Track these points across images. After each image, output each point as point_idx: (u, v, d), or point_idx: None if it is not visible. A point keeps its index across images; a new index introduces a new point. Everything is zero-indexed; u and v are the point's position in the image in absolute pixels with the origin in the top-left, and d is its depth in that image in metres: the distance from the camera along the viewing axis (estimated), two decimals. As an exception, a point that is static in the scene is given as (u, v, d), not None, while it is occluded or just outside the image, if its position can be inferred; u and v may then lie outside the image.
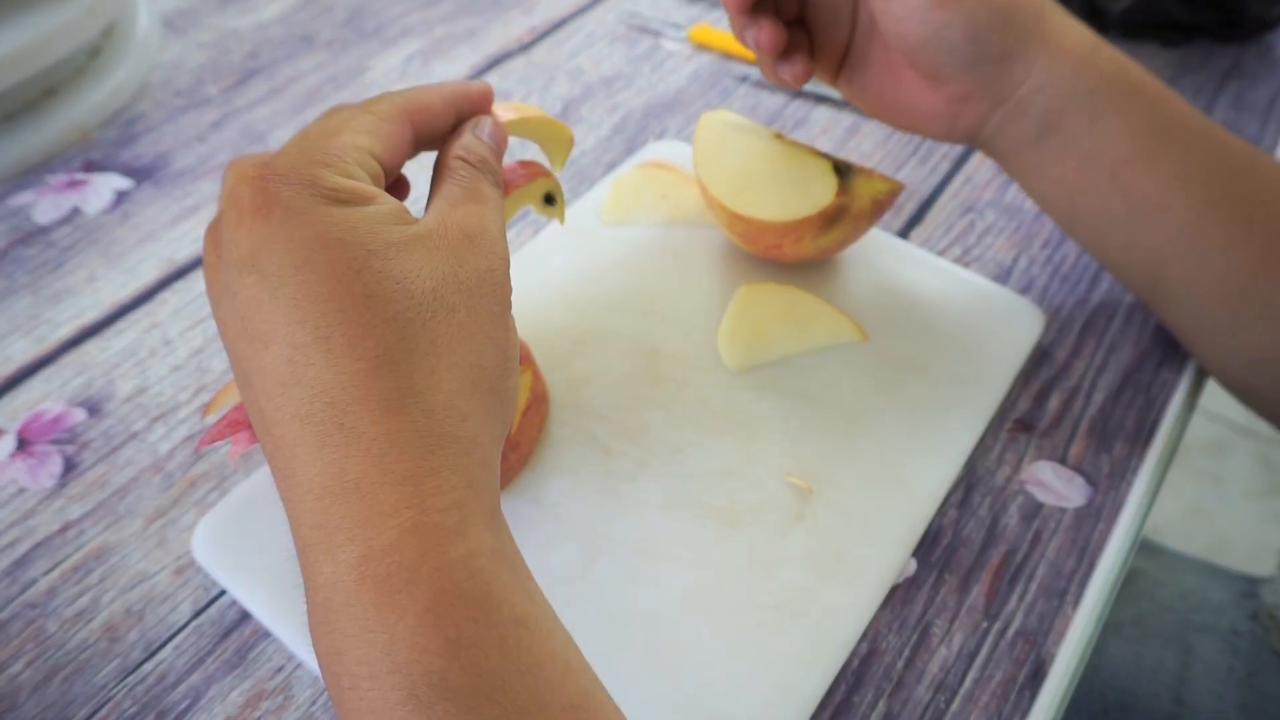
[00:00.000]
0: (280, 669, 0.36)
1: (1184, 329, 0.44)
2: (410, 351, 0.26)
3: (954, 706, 0.35)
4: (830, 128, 0.59)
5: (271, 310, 0.26)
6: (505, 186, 0.37)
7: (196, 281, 0.50)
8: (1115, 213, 0.41)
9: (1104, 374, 0.46)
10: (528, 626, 0.25)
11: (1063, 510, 0.41)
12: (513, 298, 0.32)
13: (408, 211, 0.29)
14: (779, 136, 0.47)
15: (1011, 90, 0.40)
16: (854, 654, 0.36)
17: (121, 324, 0.48)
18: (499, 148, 0.34)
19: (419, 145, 0.33)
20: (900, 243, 0.49)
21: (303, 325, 0.25)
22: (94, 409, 0.44)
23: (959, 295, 0.46)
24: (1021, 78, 0.39)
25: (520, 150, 0.57)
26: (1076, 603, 0.38)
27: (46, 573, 0.39)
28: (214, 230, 0.29)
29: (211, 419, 0.43)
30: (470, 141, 0.33)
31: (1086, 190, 0.41)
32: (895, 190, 0.44)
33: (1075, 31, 0.40)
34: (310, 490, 0.25)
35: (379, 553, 0.24)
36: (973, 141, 0.43)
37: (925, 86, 0.42)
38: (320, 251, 0.26)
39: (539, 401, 0.40)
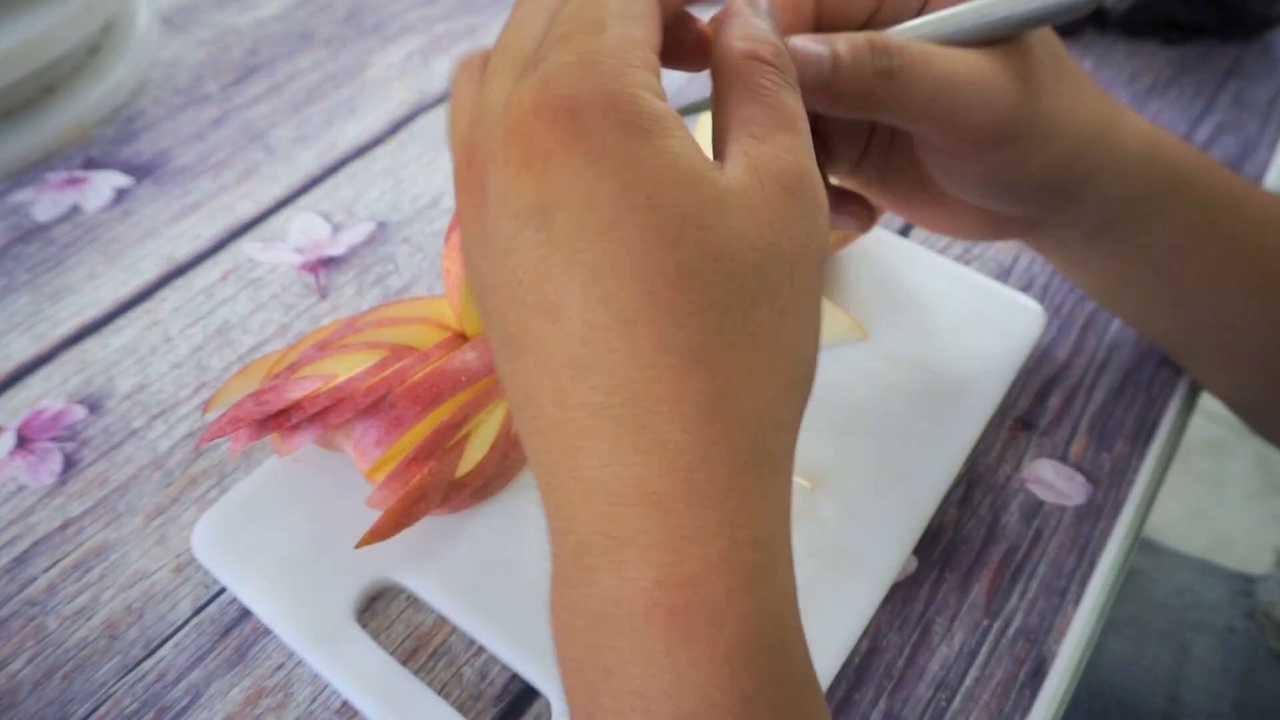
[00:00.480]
0: (280, 666, 0.36)
1: (1220, 388, 0.44)
2: (728, 347, 0.22)
3: (955, 704, 0.35)
4: (831, 126, 0.59)
5: (565, 279, 0.22)
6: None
7: (196, 279, 0.50)
8: (1161, 298, 0.41)
9: (1105, 373, 0.46)
10: (813, 689, 0.23)
11: (1063, 508, 0.41)
12: None
13: (699, 146, 0.24)
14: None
15: (1067, 207, 0.37)
16: (855, 652, 0.36)
17: (121, 321, 0.48)
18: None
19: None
20: (901, 241, 0.49)
21: (604, 304, 0.22)
22: (94, 406, 0.44)
23: (960, 293, 0.46)
24: (1081, 198, 0.36)
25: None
26: (1077, 601, 0.38)
27: (46, 570, 0.39)
28: (471, 167, 0.24)
29: (212, 416, 0.43)
30: (756, 27, 0.26)
31: (1131, 280, 0.40)
32: (896, 188, 0.44)
33: (1137, 134, 0.36)
34: (597, 490, 0.22)
35: (678, 584, 0.21)
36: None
37: (970, 210, 0.37)
38: (629, 214, 0.21)
39: (540, 399, 0.40)
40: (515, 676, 0.36)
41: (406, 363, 0.37)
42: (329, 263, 0.51)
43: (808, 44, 0.28)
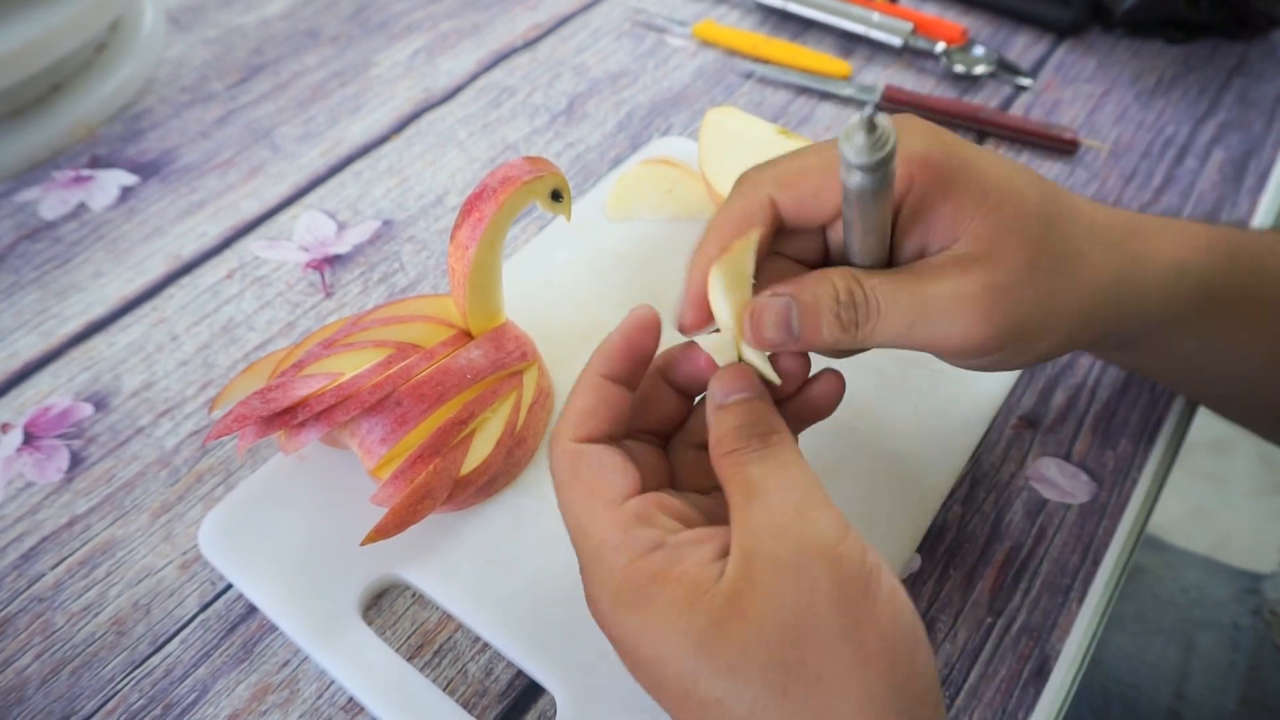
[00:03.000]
0: (286, 663, 0.36)
1: (1234, 419, 0.44)
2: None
3: (959, 702, 0.36)
4: (835, 124, 0.59)
5: (651, 687, 0.28)
6: (512, 182, 0.37)
7: (202, 277, 0.50)
8: (1183, 378, 0.42)
9: (1109, 371, 0.46)
10: None
11: (1067, 507, 0.41)
12: (517, 293, 0.31)
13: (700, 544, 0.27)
14: (784, 133, 0.47)
15: (1085, 349, 0.37)
16: (858, 649, 0.36)
17: (128, 319, 0.48)
18: (745, 388, 0.30)
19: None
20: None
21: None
22: (100, 404, 0.45)
23: (964, 292, 0.46)
24: (1098, 344, 0.35)
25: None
26: (1081, 599, 0.38)
27: (54, 567, 0.39)
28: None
29: (218, 414, 0.43)
30: (716, 422, 0.29)
31: (1157, 370, 0.42)
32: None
33: (1159, 265, 0.34)
34: None
35: None
36: None
37: None
38: (645, 669, 0.27)
39: (544, 397, 0.40)
40: (520, 673, 0.36)
41: (412, 361, 0.37)
42: (334, 261, 0.51)
43: (773, 302, 0.29)
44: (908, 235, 0.31)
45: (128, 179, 0.55)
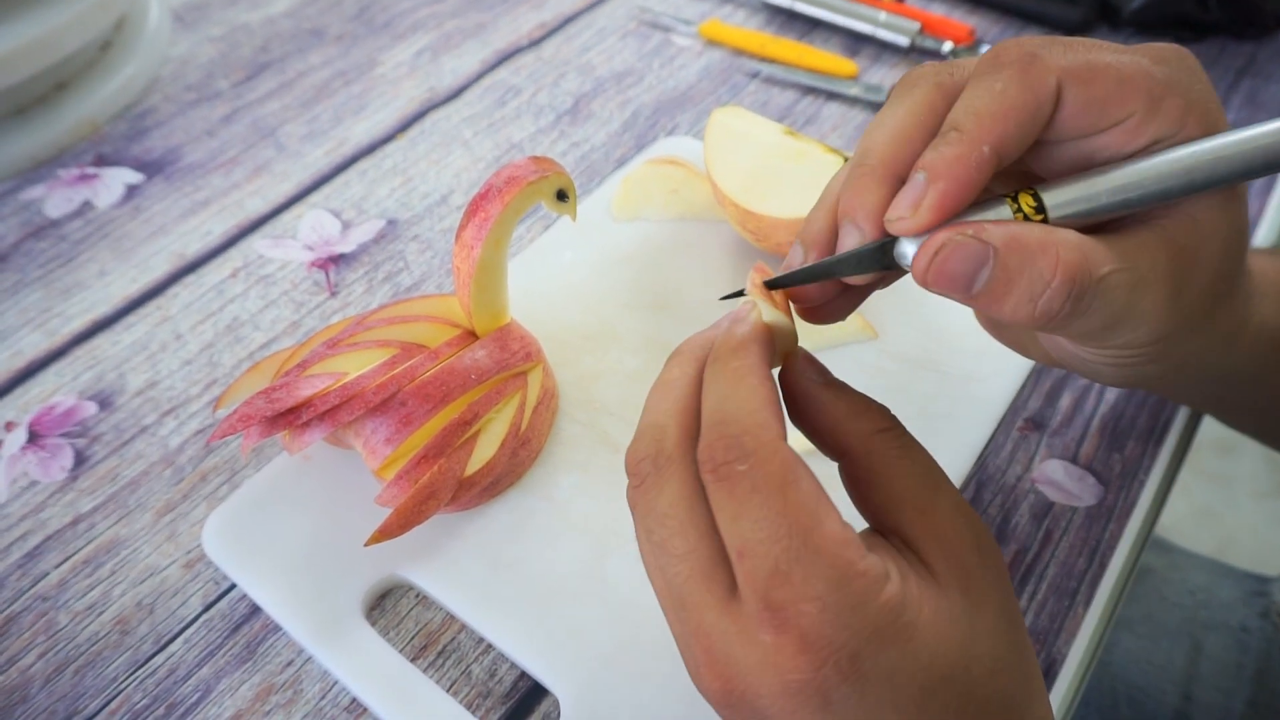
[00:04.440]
0: (290, 663, 0.36)
1: (1250, 434, 0.44)
2: None
3: (964, 705, 0.35)
4: (841, 124, 0.59)
5: None
6: (517, 182, 0.37)
7: (207, 275, 0.50)
8: (1216, 411, 0.41)
9: (1116, 372, 0.46)
10: None
11: (1074, 509, 0.41)
12: (522, 293, 0.30)
13: (896, 574, 0.23)
14: (790, 133, 0.47)
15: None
16: (864, 652, 0.36)
17: (132, 318, 0.48)
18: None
19: None
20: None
21: None
22: (105, 402, 0.45)
23: (970, 293, 0.46)
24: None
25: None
26: (1087, 603, 0.38)
27: (58, 565, 0.39)
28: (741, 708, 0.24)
29: (223, 413, 0.43)
30: (857, 398, 0.26)
31: (1193, 399, 0.41)
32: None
33: (1265, 277, 0.32)
34: None
35: None
36: None
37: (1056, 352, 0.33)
38: (929, 697, 0.23)
39: (549, 398, 0.40)
40: (524, 674, 0.36)
41: (416, 361, 0.37)
42: (339, 260, 0.51)
43: (969, 243, 0.24)
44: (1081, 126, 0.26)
45: (133, 177, 0.55)
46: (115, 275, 0.50)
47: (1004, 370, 0.43)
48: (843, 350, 0.44)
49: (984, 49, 0.62)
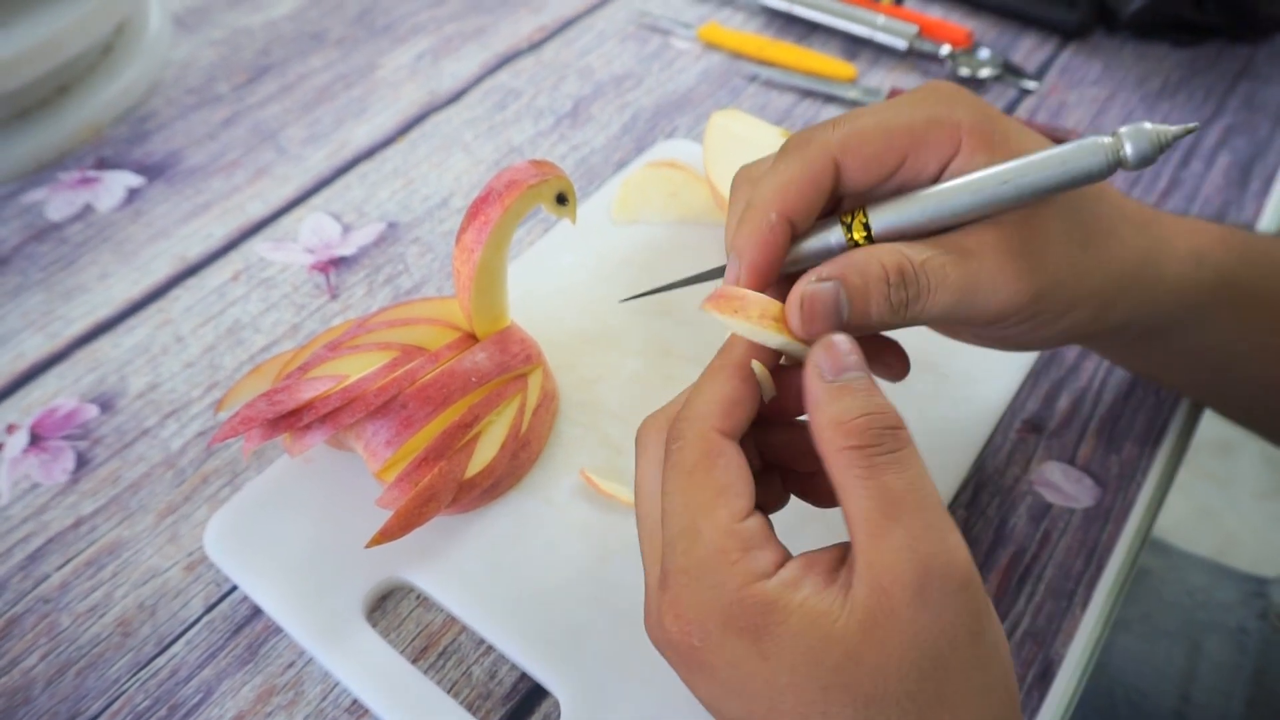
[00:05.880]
0: (291, 664, 0.36)
1: (1238, 420, 0.44)
2: None
3: (962, 706, 0.35)
4: (840, 127, 0.59)
5: None
6: (517, 186, 0.37)
7: (208, 278, 0.50)
8: (1196, 376, 0.41)
9: (1113, 374, 0.46)
10: None
11: (1071, 511, 0.41)
12: (522, 296, 0.30)
13: (815, 600, 0.25)
14: (789, 135, 0.47)
15: (1100, 338, 0.37)
16: (862, 653, 0.36)
17: (133, 321, 0.48)
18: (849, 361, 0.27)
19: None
20: (910, 242, 0.49)
21: None
22: (106, 405, 0.45)
23: (968, 295, 0.46)
24: (1116, 331, 0.35)
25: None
26: (1085, 604, 0.38)
27: (59, 567, 0.39)
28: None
29: (224, 415, 0.44)
30: (833, 404, 0.26)
31: (1171, 367, 0.41)
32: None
33: (1178, 254, 0.34)
34: None
35: None
36: None
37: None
38: (748, 698, 0.25)
39: (549, 400, 0.41)
40: (524, 676, 0.36)
41: (417, 363, 0.37)
42: (340, 263, 0.51)
43: (820, 289, 0.28)
44: None
45: (134, 180, 0.56)
46: (116, 278, 0.50)
47: (1002, 372, 0.43)
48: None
49: (982, 53, 0.62)
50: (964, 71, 0.61)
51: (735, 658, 0.25)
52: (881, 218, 0.30)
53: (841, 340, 0.27)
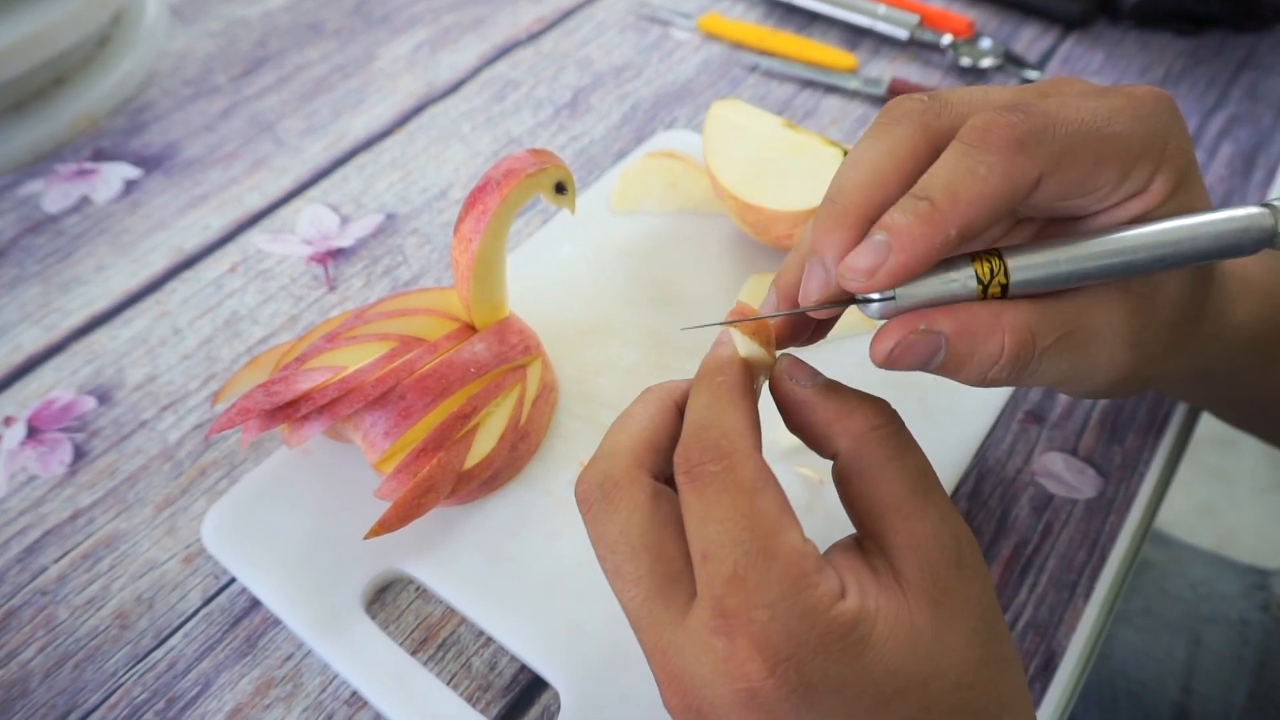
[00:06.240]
0: (290, 657, 0.36)
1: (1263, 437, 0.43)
2: None
3: (964, 697, 0.35)
4: (841, 117, 0.59)
5: None
6: (515, 175, 0.37)
7: (205, 270, 0.50)
8: (1242, 405, 0.40)
9: (1116, 365, 0.46)
10: None
11: (1074, 502, 0.41)
12: (521, 287, 0.29)
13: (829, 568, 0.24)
14: (790, 126, 0.47)
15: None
16: (864, 644, 0.36)
17: (131, 312, 0.48)
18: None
19: None
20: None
21: None
22: (104, 397, 0.44)
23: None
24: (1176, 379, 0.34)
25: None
26: (1087, 595, 0.38)
27: (57, 560, 0.39)
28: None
29: (221, 407, 0.43)
30: (844, 398, 0.26)
31: (1213, 399, 0.40)
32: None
33: (1243, 303, 0.32)
34: None
35: None
36: None
37: None
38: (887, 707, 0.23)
39: (548, 391, 0.40)
40: (524, 667, 0.36)
41: (415, 354, 0.37)
42: (337, 254, 0.51)
43: (925, 342, 0.25)
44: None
45: (131, 172, 0.55)
46: (114, 270, 0.50)
47: (1004, 363, 0.43)
48: (841, 344, 0.44)
49: (984, 42, 0.62)
50: (965, 61, 0.61)
51: (839, 681, 0.23)
52: (1023, 273, 0.25)
53: (795, 356, 0.27)
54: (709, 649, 0.23)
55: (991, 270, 0.25)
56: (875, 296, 0.25)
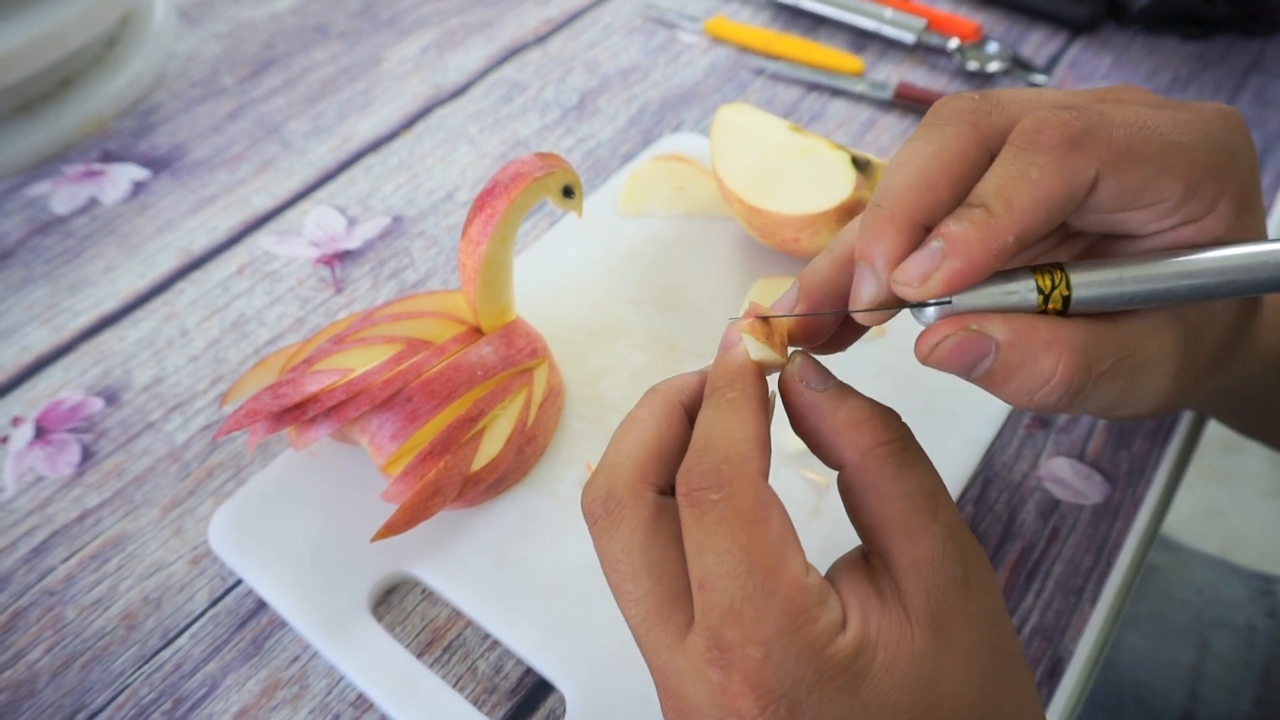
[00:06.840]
0: (296, 658, 0.36)
1: None
2: None
3: (970, 702, 0.35)
4: (847, 121, 0.59)
5: None
6: (523, 178, 0.37)
7: (213, 272, 0.50)
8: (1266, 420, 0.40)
9: (1122, 370, 0.46)
10: None
11: (1080, 507, 0.41)
12: (528, 290, 0.29)
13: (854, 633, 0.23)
14: (796, 129, 0.47)
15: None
16: (870, 649, 0.36)
17: (139, 314, 0.48)
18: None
19: None
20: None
21: None
22: (111, 398, 0.45)
23: (977, 290, 0.46)
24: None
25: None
26: (1094, 600, 0.38)
27: (64, 560, 0.39)
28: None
29: (229, 409, 0.43)
30: (854, 407, 0.25)
31: (1229, 414, 0.40)
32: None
33: (1270, 322, 0.32)
34: None
35: None
36: None
37: None
38: None
39: (554, 394, 0.40)
40: (530, 670, 0.36)
41: (422, 357, 0.37)
42: (344, 256, 0.51)
43: (979, 342, 0.24)
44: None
45: (139, 173, 0.55)
46: (121, 271, 0.50)
47: (1010, 367, 0.43)
48: (849, 348, 0.43)
49: (991, 47, 0.62)
50: (972, 65, 0.61)
51: (836, 716, 0.22)
52: (1086, 289, 0.24)
53: (809, 355, 0.26)
54: (704, 678, 0.23)
55: (1053, 282, 0.24)
56: (931, 302, 0.24)
